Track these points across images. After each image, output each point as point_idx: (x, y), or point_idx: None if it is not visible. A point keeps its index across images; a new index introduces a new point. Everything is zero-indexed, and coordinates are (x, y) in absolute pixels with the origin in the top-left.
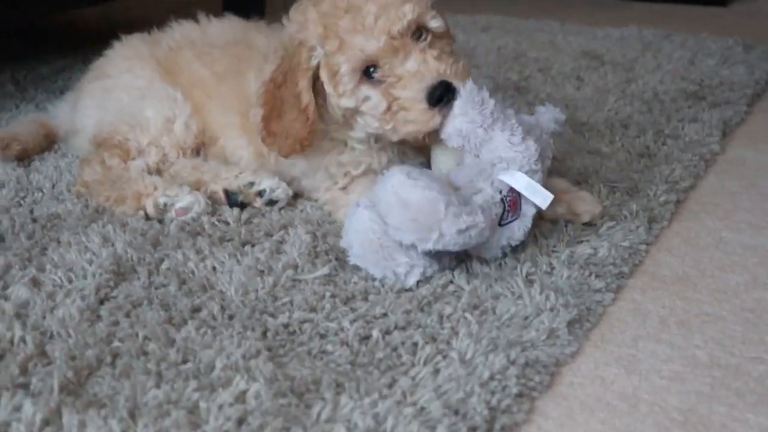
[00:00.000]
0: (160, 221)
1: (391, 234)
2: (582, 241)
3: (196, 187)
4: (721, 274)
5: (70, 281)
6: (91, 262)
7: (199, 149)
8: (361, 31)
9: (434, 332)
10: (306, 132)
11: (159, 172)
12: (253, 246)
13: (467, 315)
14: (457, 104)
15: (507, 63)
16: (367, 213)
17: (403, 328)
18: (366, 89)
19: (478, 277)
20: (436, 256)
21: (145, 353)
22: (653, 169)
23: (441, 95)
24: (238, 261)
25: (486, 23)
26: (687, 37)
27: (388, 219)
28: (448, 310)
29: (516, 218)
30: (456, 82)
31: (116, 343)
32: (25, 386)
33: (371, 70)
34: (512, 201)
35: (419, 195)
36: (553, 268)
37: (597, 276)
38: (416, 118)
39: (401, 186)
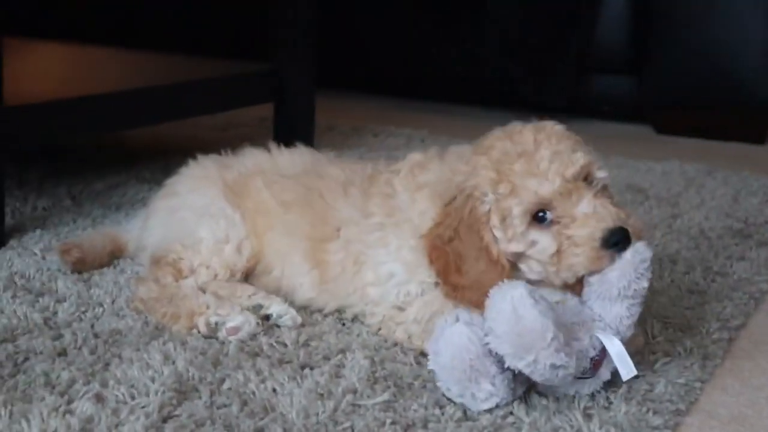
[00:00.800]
0: (221, 341)
1: (489, 340)
2: (638, 376)
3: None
4: None
5: (133, 398)
6: (153, 380)
7: (248, 274)
8: (536, 174)
9: None
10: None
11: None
12: (312, 369)
13: None
14: (625, 256)
15: None
16: (466, 330)
17: None
18: (536, 233)
19: (537, 410)
20: (513, 385)
21: None
22: (704, 306)
23: (618, 240)
24: (298, 384)
25: None
26: (729, 174)
27: (494, 324)
28: None
29: (592, 377)
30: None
31: None
32: None
33: (541, 214)
34: (597, 361)
35: (535, 315)
36: (611, 403)
37: (655, 412)
38: (585, 255)
39: (521, 300)
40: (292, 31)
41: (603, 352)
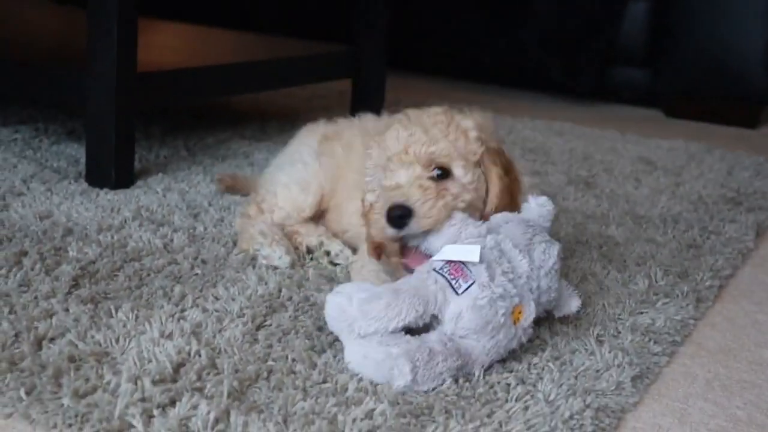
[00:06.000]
0: (305, 269)
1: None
2: (642, 313)
3: (290, 237)
4: (757, 349)
5: (233, 310)
6: (250, 297)
7: (320, 216)
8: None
9: (524, 376)
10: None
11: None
12: None
13: (550, 364)
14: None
15: (577, 162)
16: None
17: (500, 372)
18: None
19: (559, 334)
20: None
21: (293, 372)
22: (700, 259)
23: (396, 215)
24: None
25: (560, 129)
26: (724, 152)
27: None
28: (535, 359)
29: (472, 282)
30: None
31: (270, 362)
32: (201, 390)
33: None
34: (453, 269)
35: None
36: (619, 332)
37: (655, 342)
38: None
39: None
40: (368, 18)
41: (449, 263)
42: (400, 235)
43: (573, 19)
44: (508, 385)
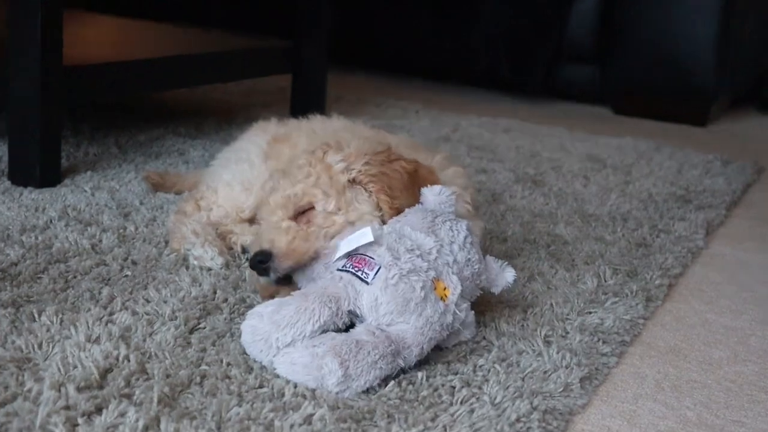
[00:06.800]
0: (242, 269)
1: None
2: (591, 312)
3: (224, 237)
4: (707, 348)
5: (165, 313)
6: (182, 299)
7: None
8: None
9: (469, 378)
10: None
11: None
12: None
13: (496, 366)
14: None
15: (525, 160)
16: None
17: (444, 374)
18: None
19: (505, 335)
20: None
21: (228, 377)
22: (649, 257)
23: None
24: None
25: (507, 126)
26: (674, 150)
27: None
28: (480, 361)
29: (378, 267)
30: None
31: (204, 367)
32: (129, 396)
33: None
34: (356, 262)
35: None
36: (567, 333)
37: (604, 342)
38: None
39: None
40: (310, 13)
41: (351, 258)
42: (273, 280)
43: (520, 18)
44: (453, 387)
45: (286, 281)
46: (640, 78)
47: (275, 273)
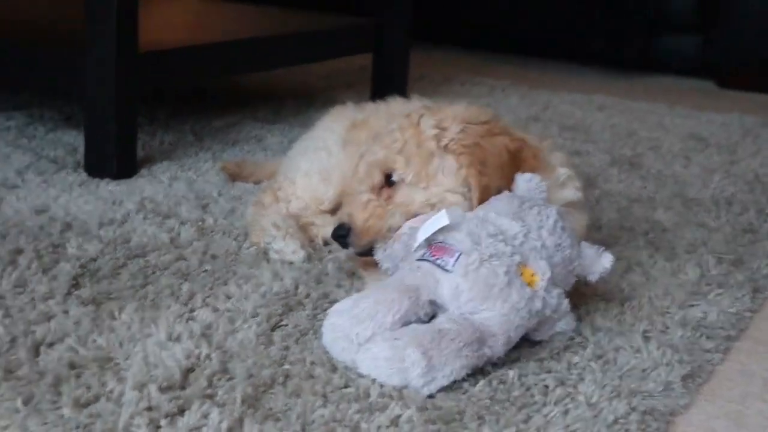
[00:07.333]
0: (324, 263)
1: None
2: (693, 305)
3: (305, 229)
4: None
5: (247, 309)
6: (264, 295)
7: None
8: None
9: (563, 377)
10: None
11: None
12: None
13: (592, 364)
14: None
15: (621, 140)
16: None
17: (537, 373)
18: None
19: (601, 331)
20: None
21: (312, 376)
22: (756, 245)
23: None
24: None
25: (602, 103)
26: None
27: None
28: (575, 359)
29: (458, 254)
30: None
31: (287, 366)
32: (212, 397)
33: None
34: (435, 250)
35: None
36: (667, 328)
37: (708, 337)
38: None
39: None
40: None
41: (429, 246)
42: (355, 252)
43: None
44: (546, 386)
45: (368, 254)
46: (747, 48)
47: (353, 247)
